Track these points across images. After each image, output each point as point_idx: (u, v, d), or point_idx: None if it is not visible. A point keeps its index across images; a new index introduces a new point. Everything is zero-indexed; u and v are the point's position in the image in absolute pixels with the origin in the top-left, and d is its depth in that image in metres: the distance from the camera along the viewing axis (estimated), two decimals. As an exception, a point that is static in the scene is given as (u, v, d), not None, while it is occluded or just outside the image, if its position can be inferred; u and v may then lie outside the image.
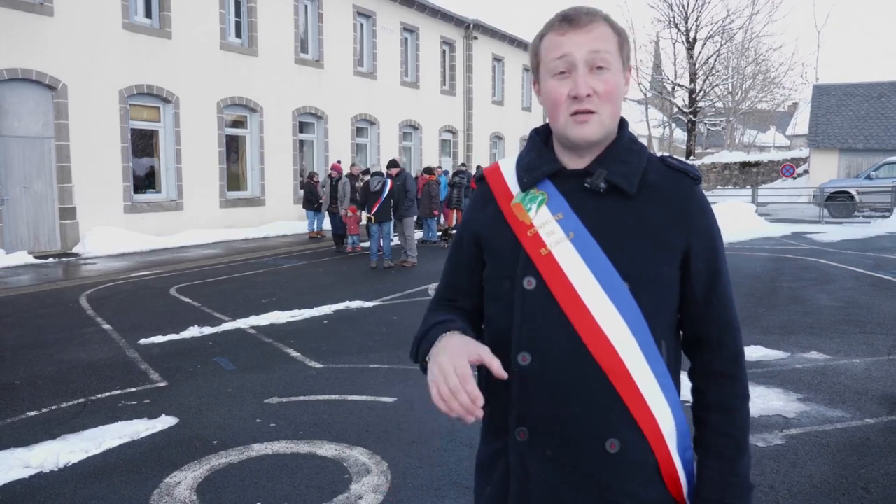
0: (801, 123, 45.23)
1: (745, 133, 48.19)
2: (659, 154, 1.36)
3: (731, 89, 39.39)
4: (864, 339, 6.37)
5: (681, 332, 1.35)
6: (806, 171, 30.62)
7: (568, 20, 1.26)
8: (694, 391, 1.35)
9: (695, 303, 1.29)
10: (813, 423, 4.32)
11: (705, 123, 44.46)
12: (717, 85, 37.26)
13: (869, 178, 21.84)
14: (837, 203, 21.33)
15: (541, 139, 1.38)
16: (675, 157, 1.34)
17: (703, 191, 1.34)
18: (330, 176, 14.42)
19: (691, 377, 1.35)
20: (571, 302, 1.23)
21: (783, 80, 39.85)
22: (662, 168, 1.31)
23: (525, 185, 1.32)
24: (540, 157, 1.34)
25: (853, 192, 21.46)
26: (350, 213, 13.84)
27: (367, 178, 13.78)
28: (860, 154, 28.20)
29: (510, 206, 1.33)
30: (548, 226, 1.27)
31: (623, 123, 1.32)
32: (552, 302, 1.23)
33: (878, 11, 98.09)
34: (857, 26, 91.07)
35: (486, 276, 1.36)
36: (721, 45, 35.60)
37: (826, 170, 27.99)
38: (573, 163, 1.31)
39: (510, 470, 1.28)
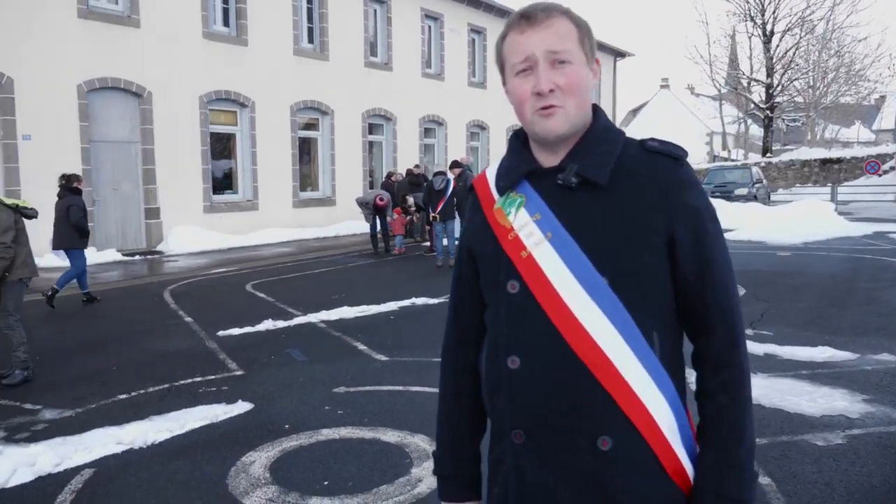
0: (888, 117, 43.09)
1: (827, 128, 46.16)
2: (640, 137, 1.32)
3: (811, 83, 37.85)
4: (941, 342, 6.15)
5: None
6: (893, 168, 29.17)
7: (526, 18, 1.25)
8: (696, 378, 1.30)
9: (687, 286, 1.24)
10: (878, 424, 4.26)
11: (783, 119, 42.84)
12: (796, 79, 35.86)
13: (961, 174, 20.71)
14: (926, 201, 20.33)
15: (520, 141, 1.36)
16: (657, 138, 1.29)
17: (690, 171, 1.29)
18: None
19: (692, 363, 1.31)
20: (553, 303, 1.22)
21: (868, 72, 37.82)
22: (640, 152, 1.27)
23: (502, 189, 1.33)
24: (517, 158, 1.33)
25: (943, 189, 20.40)
26: (395, 216, 14.06)
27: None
28: (952, 149, 26.70)
29: (493, 211, 1.33)
30: (527, 228, 1.27)
31: (597, 112, 1.30)
32: (535, 304, 1.23)
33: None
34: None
35: (480, 284, 1.37)
36: (801, 38, 34.25)
37: (914, 166, 26.63)
38: (549, 160, 1.29)
39: (509, 472, 1.29)
